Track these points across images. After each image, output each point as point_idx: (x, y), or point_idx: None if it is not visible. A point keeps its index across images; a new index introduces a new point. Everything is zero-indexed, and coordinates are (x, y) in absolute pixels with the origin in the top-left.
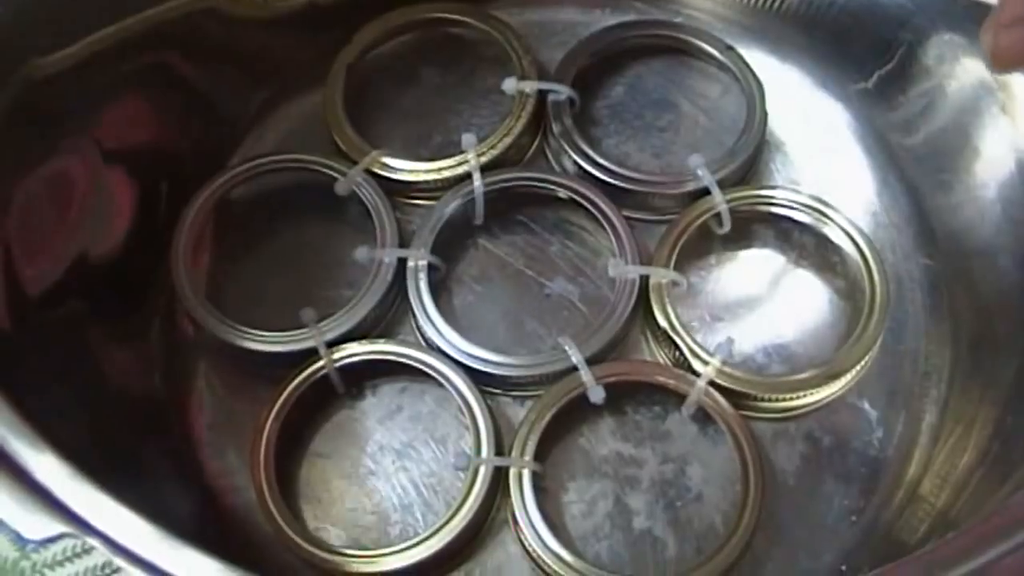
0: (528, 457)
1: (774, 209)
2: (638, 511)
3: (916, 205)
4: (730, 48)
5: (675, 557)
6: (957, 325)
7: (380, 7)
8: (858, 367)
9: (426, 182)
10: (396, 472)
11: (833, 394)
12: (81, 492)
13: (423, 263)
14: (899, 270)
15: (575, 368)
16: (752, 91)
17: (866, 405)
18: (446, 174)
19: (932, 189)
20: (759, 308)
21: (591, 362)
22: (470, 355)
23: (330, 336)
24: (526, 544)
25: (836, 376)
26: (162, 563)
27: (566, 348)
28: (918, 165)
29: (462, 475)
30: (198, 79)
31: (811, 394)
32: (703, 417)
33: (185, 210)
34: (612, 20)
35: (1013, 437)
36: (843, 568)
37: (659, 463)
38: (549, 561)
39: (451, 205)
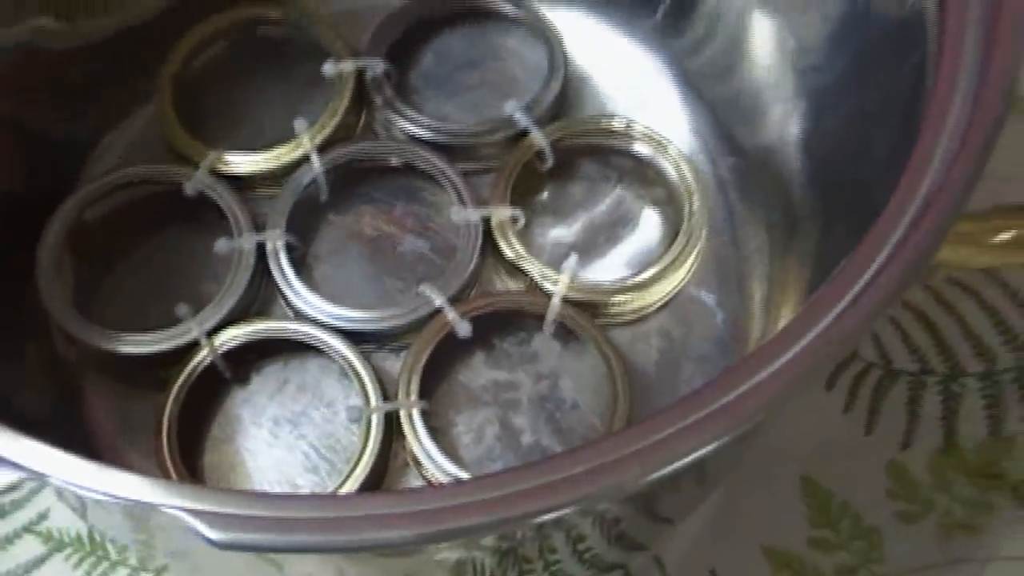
0: (413, 397)
1: (590, 139)
2: (523, 429)
3: (714, 115)
4: (520, 4)
5: None
6: (768, 210)
7: (191, 20)
8: (689, 261)
9: (268, 171)
10: (296, 441)
11: (673, 290)
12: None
13: (280, 243)
14: (711, 172)
15: (440, 310)
16: (550, 38)
17: (703, 294)
18: (285, 159)
19: (724, 100)
20: (594, 229)
21: (452, 302)
22: (341, 317)
23: (207, 326)
24: (429, 477)
25: (672, 272)
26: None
27: (428, 293)
28: (709, 81)
29: (355, 429)
30: (24, 114)
31: (653, 292)
32: (564, 333)
33: (43, 235)
34: None
35: None
36: None
37: (533, 383)
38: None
39: (297, 187)
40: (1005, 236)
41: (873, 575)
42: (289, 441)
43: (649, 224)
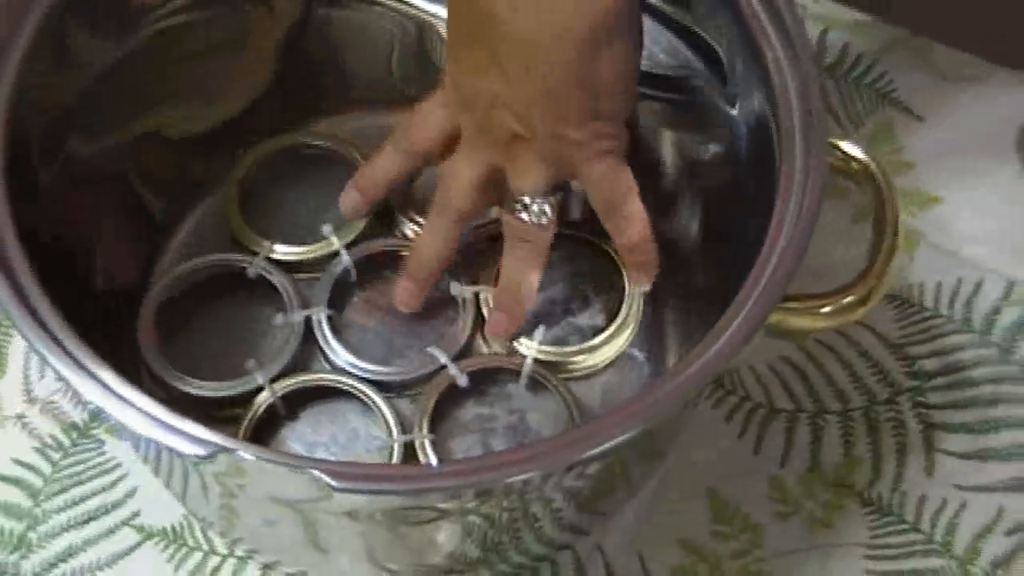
0: (425, 431)
1: None
2: (499, 449)
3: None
4: None
5: None
6: (677, 295)
7: (256, 133)
8: (628, 331)
9: (309, 260)
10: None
11: (616, 353)
12: None
13: (323, 316)
14: None
15: (444, 366)
16: None
17: (635, 351)
18: (321, 252)
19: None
20: (553, 304)
21: (454, 360)
22: (370, 371)
23: (270, 375)
24: None
25: (616, 338)
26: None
27: (435, 353)
28: None
29: (376, 455)
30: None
31: (602, 353)
32: (533, 383)
33: (142, 309)
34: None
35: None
36: None
37: (507, 416)
38: None
39: (333, 273)
40: (828, 308)
41: (757, 559)
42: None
43: (595, 301)
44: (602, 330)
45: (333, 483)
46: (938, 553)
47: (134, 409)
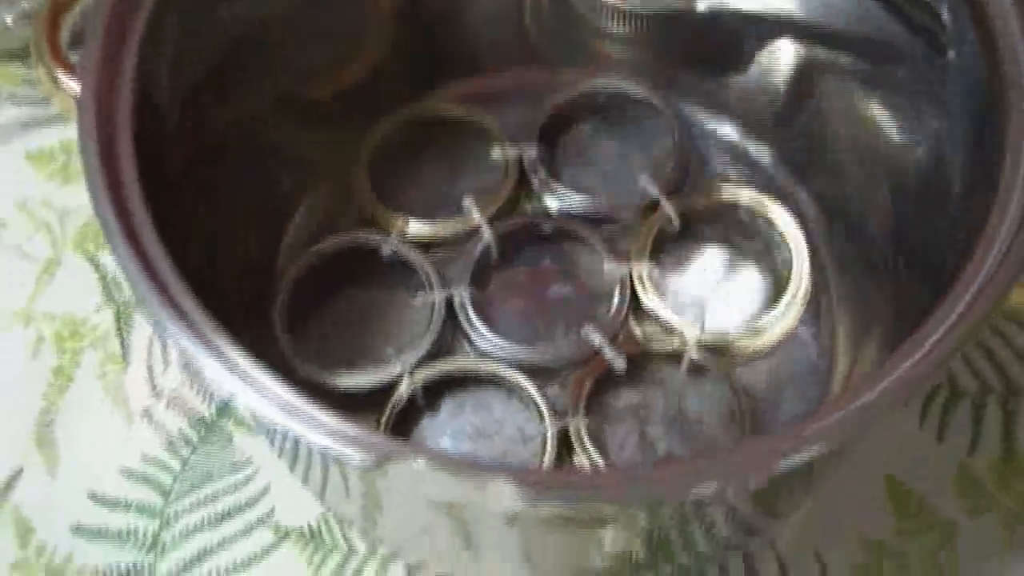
0: (581, 416)
1: (708, 206)
2: (658, 439)
3: (826, 212)
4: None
5: None
6: (853, 264)
7: (383, 103)
8: (797, 310)
9: (444, 237)
10: (473, 453)
11: (785, 336)
12: None
13: (466, 296)
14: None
15: (599, 349)
16: (672, 120)
17: (801, 329)
18: (459, 229)
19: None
20: (711, 280)
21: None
22: (520, 354)
23: (409, 364)
24: None
25: (785, 319)
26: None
27: (591, 335)
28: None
29: (524, 445)
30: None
31: (768, 336)
32: (692, 368)
33: (276, 295)
34: (547, 84)
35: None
36: None
37: (664, 403)
38: None
39: (473, 251)
40: None
41: (949, 558)
42: (467, 452)
43: (754, 275)
44: (768, 310)
45: (523, 497)
46: None
47: (295, 412)
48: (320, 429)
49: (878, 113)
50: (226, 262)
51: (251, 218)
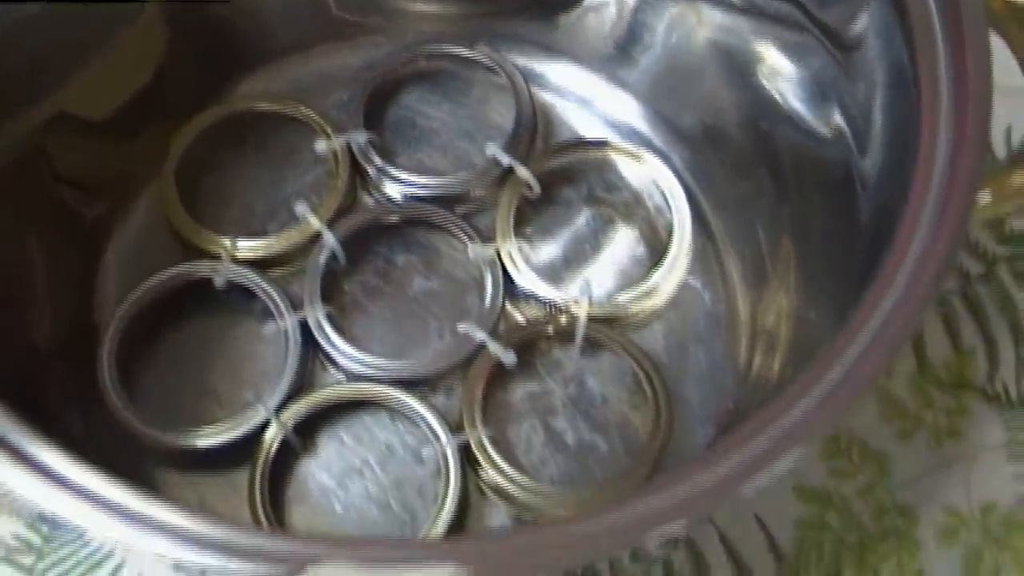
0: (480, 426)
1: (566, 164)
2: (565, 430)
3: (694, 150)
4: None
5: (608, 452)
6: (730, 198)
7: (177, 110)
8: (684, 257)
9: (282, 252)
10: (365, 488)
11: (676, 287)
12: None
13: (322, 316)
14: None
15: (482, 345)
16: (511, 76)
17: (690, 280)
18: (297, 239)
19: (703, 138)
20: (583, 244)
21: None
22: (394, 368)
23: (272, 405)
24: (511, 494)
25: (674, 271)
26: None
27: (470, 332)
28: (663, 96)
29: (420, 467)
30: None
31: (661, 293)
32: (586, 344)
33: (99, 353)
34: (359, 59)
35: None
36: (730, 406)
37: (563, 388)
38: (530, 498)
39: (318, 262)
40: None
41: (888, 490)
42: (360, 491)
43: (630, 231)
44: (654, 267)
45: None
46: None
47: (149, 524)
48: (201, 545)
49: (742, 35)
50: (33, 332)
51: (50, 269)
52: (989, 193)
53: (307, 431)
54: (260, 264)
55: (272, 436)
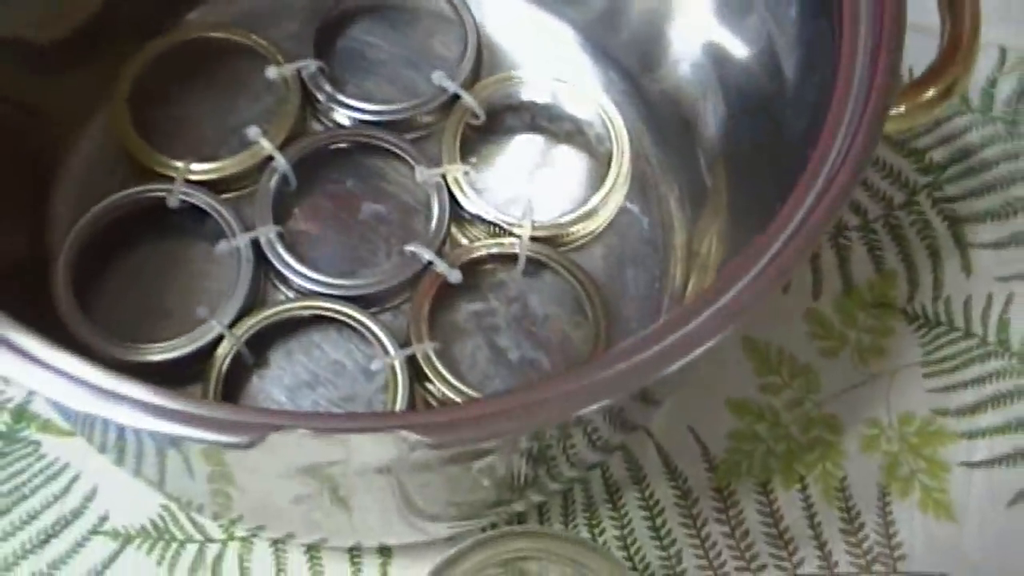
0: (426, 340)
1: (510, 94)
2: (509, 347)
3: (633, 81)
4: None
5: (550, 368)
6: (670, 131)
7: (128, 37)
8: (623, 181)
9: (235, 174)
10: (316, 402)
11: (615, 211)
12: None
13: (273, 235)
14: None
15: (428, 264)
16: (460, 7)
17: (628, 205)
18: (250, 163)
19: (641, 68)
20: (528, 171)
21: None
22: (344, 286)
23: (227, 321)
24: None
25: (613, 195)
26: None
27: (418, 251)
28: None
29: (369, 380)
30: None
31: (600, 216)
32: (529, 265)
33: (52, 272)
34: None
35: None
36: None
37: (507, 307)
38: None
39: (269, 184)
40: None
41: (815, 403)
42: (310, 402)
43: (571, 158)
44: (595, 191)
45: (429, 441)
46: (996, 354)
47: (119, 399)
48: (169, 416)
49: None
50: None
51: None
52: (903, 108)
53: (259, 348)
54: (212, 187)
55: (224, 351)
